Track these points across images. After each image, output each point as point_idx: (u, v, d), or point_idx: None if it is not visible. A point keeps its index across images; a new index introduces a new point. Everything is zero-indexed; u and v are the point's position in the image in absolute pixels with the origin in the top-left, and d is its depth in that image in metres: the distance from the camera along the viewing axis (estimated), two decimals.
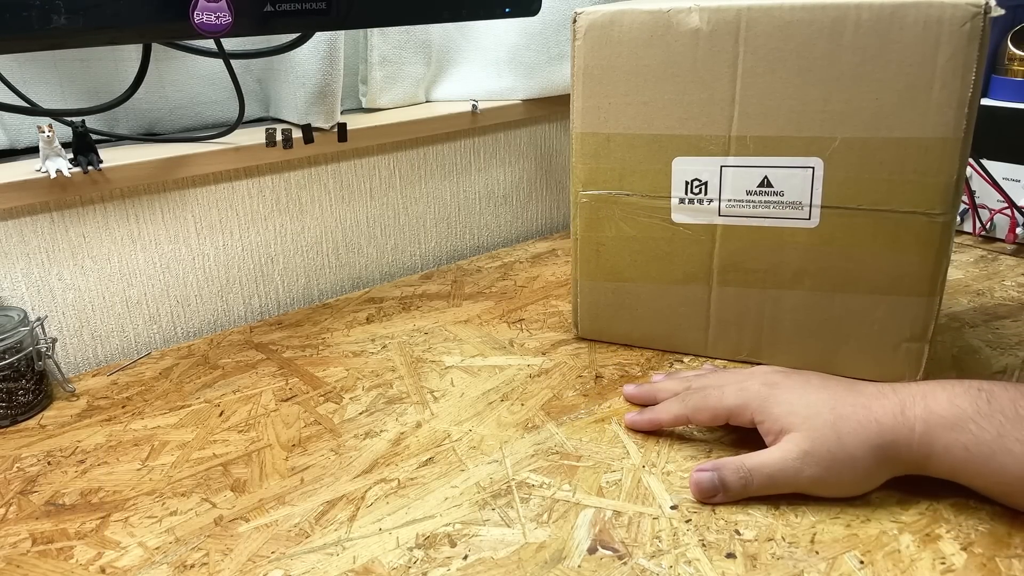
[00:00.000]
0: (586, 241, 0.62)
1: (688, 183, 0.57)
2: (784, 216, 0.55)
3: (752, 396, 0.47)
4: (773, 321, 0.59)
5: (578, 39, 0.57)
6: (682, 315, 0.61)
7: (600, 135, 0.58)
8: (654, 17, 0.54)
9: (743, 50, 0.52)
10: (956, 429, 0.41)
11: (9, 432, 0.56)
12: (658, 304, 0.62)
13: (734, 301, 0.59)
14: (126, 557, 0.43)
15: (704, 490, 0.45)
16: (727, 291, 0.59)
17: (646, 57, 0.55)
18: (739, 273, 0.58)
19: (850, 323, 0.56)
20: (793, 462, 0.44)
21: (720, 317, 0.60)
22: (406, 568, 0.41)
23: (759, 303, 0.59)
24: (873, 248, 0.54)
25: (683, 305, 0.61)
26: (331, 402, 0.58)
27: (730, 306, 0.60)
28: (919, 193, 0.52)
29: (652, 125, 0.57)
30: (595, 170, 0.59)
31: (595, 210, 0.60)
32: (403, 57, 0.84)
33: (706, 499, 0.45)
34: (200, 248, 0.74)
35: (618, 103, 0.57)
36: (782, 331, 0.59)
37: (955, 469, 0.42)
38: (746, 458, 0.45)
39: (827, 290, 0.56)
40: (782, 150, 0.54)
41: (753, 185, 0.55)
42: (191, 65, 0.75)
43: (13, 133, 0.69)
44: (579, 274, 0.63)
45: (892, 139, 0.51)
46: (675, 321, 0.62)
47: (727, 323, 0.60)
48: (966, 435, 0.41)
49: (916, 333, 0.55)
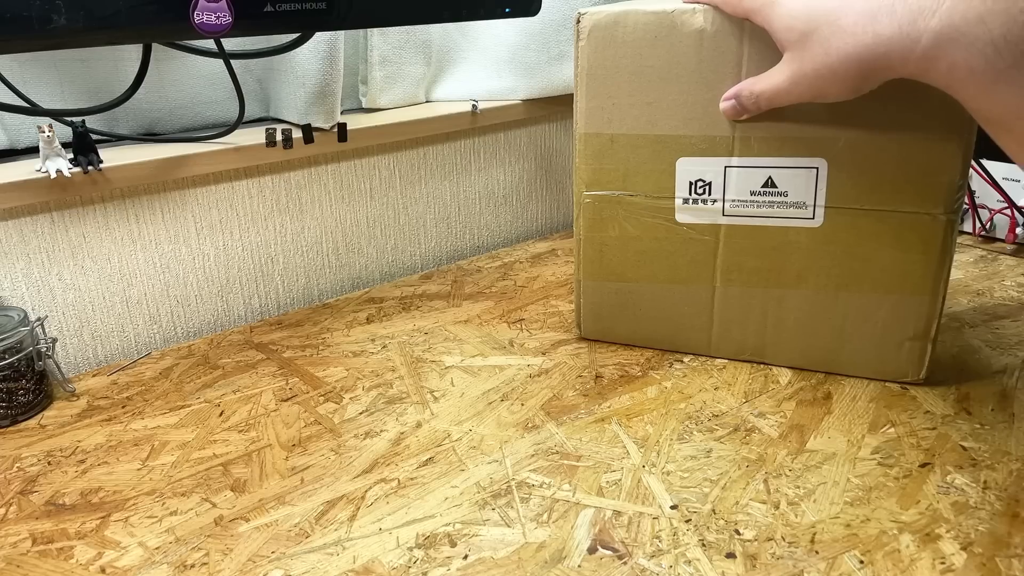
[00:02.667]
0: (589, 241, 0.62)
1: (692, 183, 0.57)
2: (788, 216, 0.56)
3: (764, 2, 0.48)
4: (777, 320, 0.59)
5: (582, 40, 0.57)
6: (685, 315, 0.61)
7: (604, 136, 0.58)
8: (658, 18, 0.54)
9: (747, 50, 0.52)
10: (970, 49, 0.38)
11: (9, 432, 0.56)
12: (661, 304, 0.62)
13: (738, 301, 0.59)
14: (126, 557, 0.43)
15: (730, 114, 0.53)
16: (731, 291, 0.59)
17: (650, 58, 0.55)
18: (743, 273, 0.58)
19: (853, 322, 0.57)
20: (786, 84, 0.48)
21: (724, 317, 0.60)
22: (406, 568, 0.41)
23: (763, 302, 0.59)
24: (877, 247, 0.54)
25: (687, 305, 0.61)
26: (331, 402, 0.58)
27: (734, 306, 0.60)
28: (923, 192, 0.52)
29: (656, 126, 0.57)
30: (599, 170, 0.59)
31: (599, 210, 0.61)
32: (403, 57, 0.84)
33: (734, 118, 0.53)
34: (200, 248, 0.74)
35: (622, 104, 0.57)
36: (785, 330, 0.59)
37: (952, 86, 0.41)
38: (754, 83, 0.51)
39: (831, 289, 0.56)
40: (786, 150, 0.54)
41: (757, 185, 0.56)
42: (191, 65, 0.75)
43: (13, 133, 0.69)
44: (582, 275, 0.63)
45: (896, 139, 0.51)
46: (678, 321, 0.62)
47: (731, 322, 0.60)
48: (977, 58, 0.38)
49: (919, 332, 0.55)
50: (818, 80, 0.46)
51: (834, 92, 0.46)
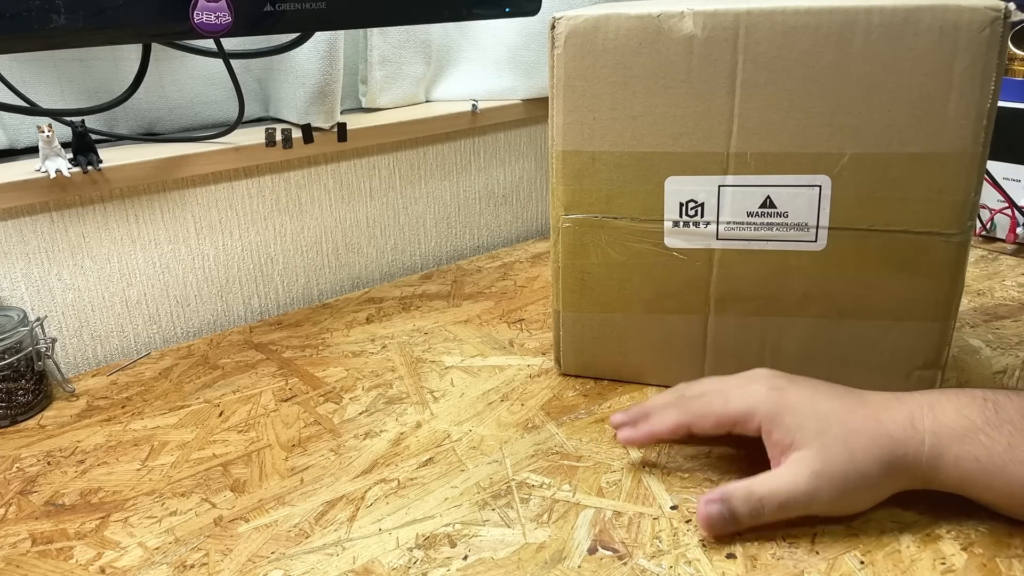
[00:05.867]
0: (569, 269, 0.56)
1: (682, 204, 0.52)
2: (788, 239, 0.51)
3: (759, 402, 0.44)
4: (776, 350, 0.54)
5: (557, 47, 0.51)
6: (676, 348, 0.56)
7: (584, 153, 0.53)
8: (643, 22, 0.49)
9: (742, 58, 0.48)
10: (966, 440, 0.40)
11: (9, 432, 0.56)
12: (649, 337, 0.57)
13: (733, 331, 0.55)
14: (126, 557, 0.43)
15: (714, 524, 0.42)
16: (726, 320, 0.55)
17: (635, 67, 0.50)
18: (739, 301, 0.54)
19: (859, 351, 0.53)
20: (806, 485, 0.41)
21: (718, 348, 0.56)
22: (406, 568, 0.41)
23: (761, 332, 0.54)
24: (884, 271, 0.51)
25: (677, 337, 0.56)
26: (331, 402, 0.58)
27: (729, 336, 0.55)
28: (934, 212, 0.48)
29: (642, 142, 0.52)
30: (579, 192, 0.54)
31: (579, 235, 0.55)
32: (403, 57, 0.84)
33: (716, 533, 0.42)
34: (200, 248, 0.74)
35: (604, 118, 0.52)
36: (785, 360, 0.54)
37: (965, 482, 0.41)
38: (755, 484, 0.42)
39: (834, 316, 0.52)
40: (786, 167, 0.50)
41: (754, 206, 0.51)
42: (191, 65, 0.75)
43: (13, 133, 0.69)
44: (561, 305, 0.58)
45: (905, 154, 0.48)
46: (668, 354, 0.57)
47: (726, 354, 0.56)
48: (977, 446, 0.40)
49: (929, 360, 0.52)
50: (846, 482, 0.41)
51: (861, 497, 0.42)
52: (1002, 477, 0.40)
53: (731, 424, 0.45)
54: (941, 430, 0.41)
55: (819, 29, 0.47)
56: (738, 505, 0.41)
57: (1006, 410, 0.40)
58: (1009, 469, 0.39)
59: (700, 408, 0.46)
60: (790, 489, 0.41)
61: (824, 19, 0.47)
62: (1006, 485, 0.40)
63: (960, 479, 0.41)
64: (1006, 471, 0.39)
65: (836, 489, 0.41)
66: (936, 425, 0.41)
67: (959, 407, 0.41)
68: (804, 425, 0.42)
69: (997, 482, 0.40)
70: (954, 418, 0.41)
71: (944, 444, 0.40)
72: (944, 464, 0.41)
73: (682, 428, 0.46)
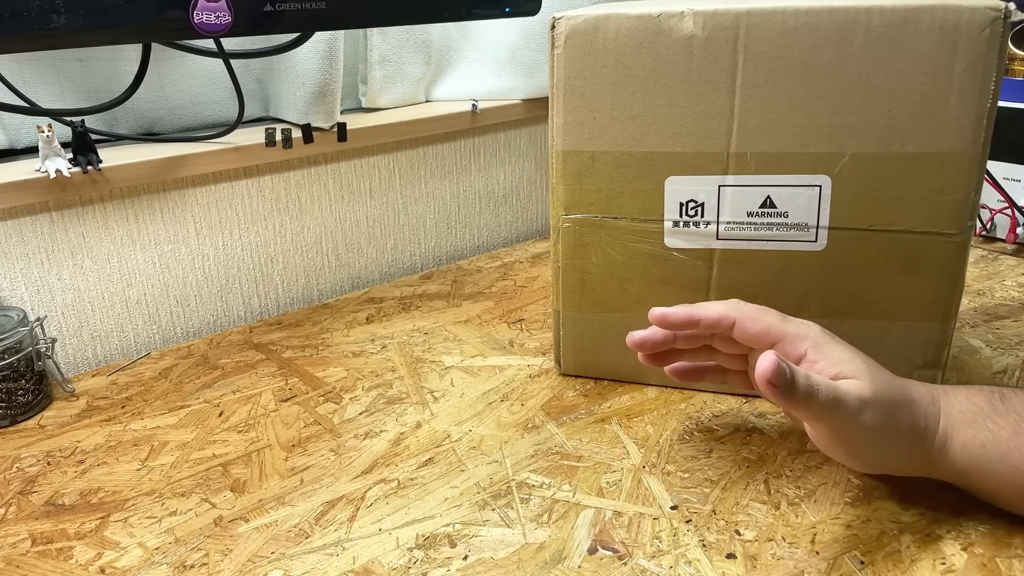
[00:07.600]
0: (569, 269, 0.56)
1: (683, 204, 0.52)
2: (788, 239, 0.51)
3: (814, 332, 0.43)
4: None
5: (557, 47, 0.51)
6: None
7: (584, 153, 0.53)
8: (643, 22, 0.49)
9: (742, 58, 0.48)
10: (974, 426, 0.41)
11: (9, 432, 0.56)
12: None
13: None
14: (126, 557, 0.43)
15: (776, 373, 0.38)
16: None
17: (635, 67, 0.50)
18: None
19: (859, 350, 0.54)
20: (855, 401, 0.39)
21: None
22: (406, 568, 0.41)
23: None
24: (884, 271, 0.51)
25: None
26: (331, 402, 0.58)
27: None
28: (934, 212, 0.49)
29: (642, 142, 0.52)
30: (579, 192, 0.54)
31: (579, 235, 0.55)
32: (403, 57, 0.84)
33: (777, 382, 0.38)
34: (200, 248, 0.74)
35: (604, 118, 0.52)
36: None
37: (969, 468, 0.41)
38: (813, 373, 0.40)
39: (834, 316, 0.52)
40: (786, 167, 0.50)
41: (754, 206, 0.51)
42: (191, 65, 0.75)
43: (13, 133, 0.69)
44: (561, 305, 0.58)
45: (905, 154, 0.48)
46: None
47: None
48: (983, 432, 0.41)
49: (929, 360, 0.52)
50: (882, 421, 0.40)
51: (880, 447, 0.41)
52: (1007, 463, 0.40)
53: (777, 338, 0.43)
54: (953, 412, 0.42)
55: (819, 29, 0.47)
56: (798, 373, 0.39)
57: (1012, 401, 0.41)
58: (1014, 456, 0.40)
59: (754, 311, 0.45)
60: (843, 393, 0.39)
61: (824, 19, 0.47)
62: (1010, 471, 0.40)
63: (965, 465, 0.41)
64: (1010, 458, 0.40)
65: (881, 416, 0.40)
66: (949, 407, 0.42)
67: (968, 395, 0.42)
68: (853, 359, 0.42)
69: (1002, 467, 0.41)
70: (964, 403, 0.42)
71: (954, 427, 0.42)
72: (951, 448, 0.41)
73: (727, 321, 0.45)
